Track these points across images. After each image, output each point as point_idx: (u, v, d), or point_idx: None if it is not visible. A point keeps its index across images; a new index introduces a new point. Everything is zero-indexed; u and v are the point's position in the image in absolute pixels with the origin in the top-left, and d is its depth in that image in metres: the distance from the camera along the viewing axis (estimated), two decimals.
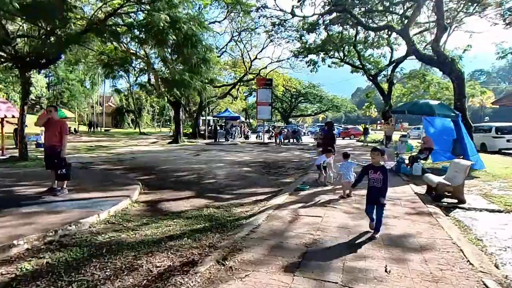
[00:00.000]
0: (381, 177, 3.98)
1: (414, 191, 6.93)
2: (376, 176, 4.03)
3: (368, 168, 4.14)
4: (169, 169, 10.34)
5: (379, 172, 4.01)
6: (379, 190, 4.01)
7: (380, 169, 4.03)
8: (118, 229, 4.39)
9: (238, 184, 8.01)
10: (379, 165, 4.07)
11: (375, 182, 4.03)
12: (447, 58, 10.01)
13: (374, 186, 4.05)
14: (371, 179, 4.09)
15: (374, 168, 4.08)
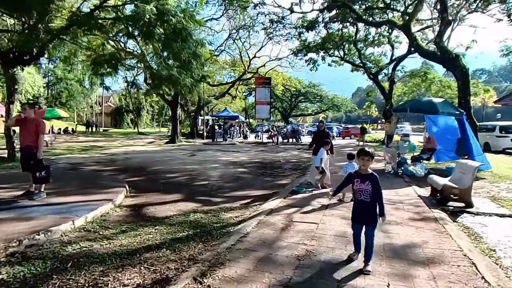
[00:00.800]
0: (370, 188, 3.08)
1: (417, 193, 6.51)
2: (363, 186, 3.10)
3: (354, 177, 3.23)
4: (161, 170, 9.93)
5: (368, 182, 3.09)
6: (368, 206, 3.11)
7: (369, 177, 3.12)
8: (93, 238, 3.98)
9: (231, 186, 7.60)
10: (368, 173, 3.16)
11: (363, 195, 3.11)
12: (451, 53, 9.58)
13: (361, 200, 3.14)
14: (357, 191, 3.16)
15: (361, 176, 3.17)
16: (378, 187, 3.10)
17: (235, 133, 28.18)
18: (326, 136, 7.22)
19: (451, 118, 9.99)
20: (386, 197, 6.13)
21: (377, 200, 3.11)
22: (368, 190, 3.08)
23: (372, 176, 3.14)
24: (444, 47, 9.84)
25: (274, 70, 30.27)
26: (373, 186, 3.09)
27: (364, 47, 26.13)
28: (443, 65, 10.12)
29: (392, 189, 6.93)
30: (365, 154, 3.17)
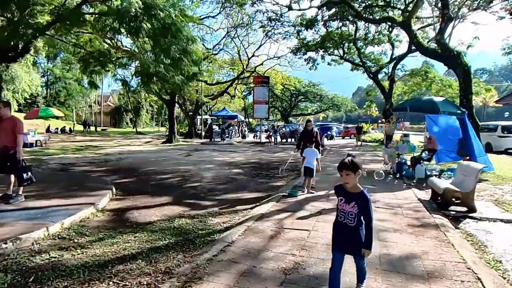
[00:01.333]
0: (355, 211, 2.38)
1: (417, 196, 6.20)
2: (347, 208, 2.42)
3: (338, 192, 2.54)
4: (153, 171, 9.64)
5: (354, 204, 2.39)
6: (353, 231, 2.40)
7: (357, 198, 2.39)
8: (66, 247, 3.68)
9: (223, 188, 7.29)
10: (356, 191, 2.42)
11: (346, 218, 2.42)
12: (452, 51, 9.25)
13: (344, 224, 2.44)
14: (340, 211, 2.49)
15: (346, 194, 2.45)
16: (367, 212, 2.37)
17: (233, 132, 27.86)
18: (314, 136, 6.87)
19: (452, 117, 9.67)
20: (384, 201, 5.87)
21: (365, 226, 2.41)
22: (353, 213, 2.39)
23: (360, 197, 2.38)
24: (446, 45, 9.51)
25: (273, 69, 29.92)
26: (361, 210, 2.37)
27: (364, 46, 25.81)
28: (445, 63, 9.80)
29: (390, 191, 6.63)
30: (342, 167, 2.40)
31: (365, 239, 2.42)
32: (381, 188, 6.92)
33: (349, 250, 2.50)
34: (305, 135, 6.94)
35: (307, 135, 6.86)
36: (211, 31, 22.47)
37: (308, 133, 6.89)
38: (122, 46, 10.55)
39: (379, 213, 4.99)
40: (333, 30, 24.67)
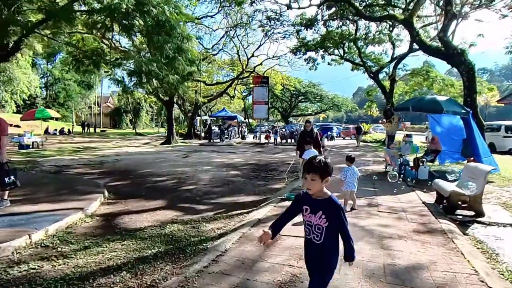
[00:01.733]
0: (323, 225, 1.86)
1: (421, 199, 5.94)
2: (313, 220, 1.90)
3: (303, 202, 1.98)
4: (148, 173, 9.40)
5: (321, 214, 1.86)
6: (318, 250, 1.91)
7: (324, 206, 1.88)
8: (48, 256, 3.43)
9: (220, 191, 7.04)
10: (324, 197, 1.91)
11: (312, 232, 1.91)
12: (456, 49, 9.00)
13: (309, 241, 1.96)
14: (306, 223, 1.97)
15: (311, 202, 1.92)
16: (339, 222, 1.86)
17: (233, 133, 27.61)
18: (314, 137, 6.64)
19: (456, 117, 9.41)
20: (387, 205, 5.61)
21: (344, 239, 1.92)
22: (320, 226, 1.85)
23: (329, 204, 1.86)
24: (449, 42, 9.26)
25: (273, 69, 29.70)
26: (330, 222, 1.83)
27: (364, 46, 25.57)
28: (447, 61, 9.55)
29: (393, 194, 6.37)
30: (310, 169, 1.87)
31: (345, 249, 1.95)
32: (383, 191, 6.67)
33: (317, 271, 1.96)
34: (304, 136, 6.69)
35: (307, 136, 6.62)
36: (210, 31, 22.26)
37: (308, 134, 6.65)
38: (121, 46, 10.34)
39: (382, 218, 4.74)
40: (333, 29, 24.46)
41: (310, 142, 7.26)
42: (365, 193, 6.32)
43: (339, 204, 1.90)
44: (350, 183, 5.15)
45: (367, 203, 5.56)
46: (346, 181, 5.17)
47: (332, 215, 1.86)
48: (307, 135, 6.61)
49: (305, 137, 6.63)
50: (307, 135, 6.62)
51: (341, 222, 1.87)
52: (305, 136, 6.64)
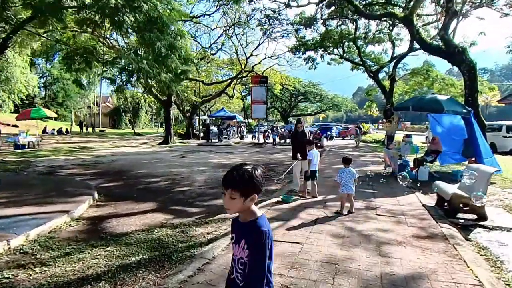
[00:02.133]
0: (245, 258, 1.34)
1: (421, 202, 5.74)
2: (236, 251, 1.41)
3: (232, 227, 1.51)
4: (143, 174, 9.20)
5: (243, 243, 1.36)
6: None
7: (247, 231, 1.37)
8: (25, 264, 3.24)
9: (214, 193, 6.84)
10: (249, 220, 1.38)
11: (235, 269, 1.40)
12: (457, 47, 8.79)
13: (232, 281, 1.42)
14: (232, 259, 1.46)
15: (237, 227, 1.45)
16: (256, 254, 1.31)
17: (231, 133, 27.41)
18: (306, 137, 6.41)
19: (457, 117, 9.21)
20: (385, 207, 5.42)
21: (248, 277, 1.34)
22: (243, 261, 1.36)
23: (251, 229, 1.34)
24: (450, 40, 9.05)
25: (272, 68, 29.49)
26: (250, 252, 1.33)
27: (364, 45, 25.38)
28: (448, 60, 9.35)
29: (392, 196, 6.17)
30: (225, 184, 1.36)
31: None
32: (382, 192, 6.47)
33: None
34: (296, 138, 6.43)
35: (299, 138, 6.37)
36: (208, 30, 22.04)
37: (299, 136, 6.39)
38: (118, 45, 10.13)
39: (381, 222, 4.54)
40: (333, 28, 24.28)
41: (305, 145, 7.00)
42: (363, 195, 6.13)
43: (263, 229, 1.32)
44: (346, 186, 4.95)
45: (365, 206, 5.36)
46: (342, 183, 4.98)
47: (252, 244, 1.33)
48: (299, 136, 6.37)
49: (297, 139, 6.39)
50: (298, 136, 6.38)
51: (257, 252, 1.30)
52: (297, 138, 6.39)
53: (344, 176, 5.00)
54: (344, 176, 5.00)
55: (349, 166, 5.10)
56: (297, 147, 6.38)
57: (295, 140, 6.41)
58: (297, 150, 6.37)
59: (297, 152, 6.36)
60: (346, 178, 4.97)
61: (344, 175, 5.00)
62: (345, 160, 5.16)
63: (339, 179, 5.05)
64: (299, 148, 6.36)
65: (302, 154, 6.35)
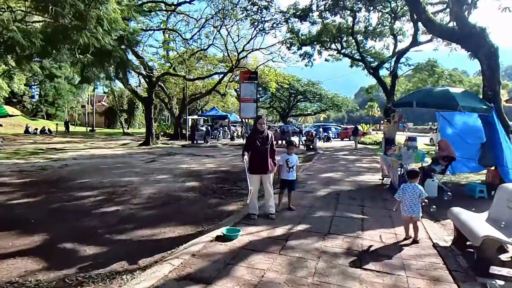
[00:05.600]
0: None
1: (431, 238, 3.90)
2: None
3: None
4: (82, 184, 7.45)
5: None
6: None
7: None
8: None
9: (147, 216, 5.05)
10: None
11: None
12: (474, 27, 6.95)
13: None
14: None
15: None
16: None
17: (221, 134, 25.59)
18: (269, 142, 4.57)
19: (473, 115, 7.37)
20: (377, 251, 3.45)
21: None
22: None
23: None
24: (465, 19, 7.20)
25: (266, 65, 27.65)
26: None
27: (364, 40, 23.53)
28: (462, 45, 7.53)
29: (388, 226, 4.34)
30: None
31: None
32: (373, 219, 4.65)
33: None
34: (254, 139, 4.56)
35: (259, 143, 4.52)
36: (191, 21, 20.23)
37: (259, 139, 4.55)
38: None
39: (366, 284, 2.71)
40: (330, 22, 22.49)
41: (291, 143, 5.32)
42: (347, 225, 4.31)
43: None
44: (410, 206, 3.78)
45: (346, 248, 3.53)
46: (405, 203, 3.81)
47: None
48: (259, 139, 4.53)
49: (255, 143, 4.53)
50: (258, 139, 4.54)
51: None
52: (256, 141, 4.54)
53: (408, 193, 3.81)
54: (408, 193, 3.81)
55: (415, 181, 3.87)
56: (256, 155, 4.56)
57: (253, 144, 4.57)
58: (256, 159, 4.55)
59: (257, 161, 4.55)
60: (410, 196, 3.79)
61: (408, 192, 3.81)
62: (410, 174, 3.96)
63: (399, 196, 3.86)
64: (259, 157, 4.55)
65: (263, 164, 4.54)
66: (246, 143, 4.74)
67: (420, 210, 3.80)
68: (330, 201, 5.75)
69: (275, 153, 4.75)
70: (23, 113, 48.43)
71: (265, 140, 4.54)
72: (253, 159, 4.54)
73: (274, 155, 4.72)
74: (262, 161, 4.53)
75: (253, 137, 4.58)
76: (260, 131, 4.57)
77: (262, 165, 4.54)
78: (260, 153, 4.52)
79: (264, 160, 4.54)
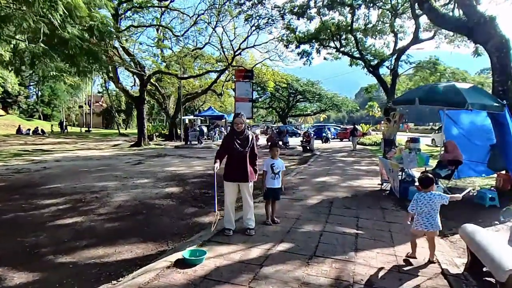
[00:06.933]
0: None
1: (438, 262, 3.20)
2: None
3: None
4: (52, 190, 6.79)
5: None
6: None
7: None
8: None
9: (111, 229, 4.39)
10: None
11: None
12: (482, 15, 6.27)
13: None
14: None
15: None
16: None
17: (217, 134, 24.91)
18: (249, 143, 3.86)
19: (481, 114, 6.69)
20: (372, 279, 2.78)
21: None
22: None
23: None
24: (473, 7, 6.51)
25: (263, 64, 26.95)
26: None
27: (363, 38, 22.86)
28: (469, 36, 6.84)
29: (387, 243, 3.64)
30: None
31: None
32: (370, 234, 3.95)
33: None
34: (231, 140, 3.87)
35: (236, 145, 3.83)
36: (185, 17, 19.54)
37: (237, 140, 3.86)
38: None
39: None
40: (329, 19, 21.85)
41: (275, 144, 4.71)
42: (338, 244, 3.62)
43: None
44: (427, 219, 3.11)
45: (334, 277, 2.83)
46: (421, 216, 3.14)
47: None
48: (236, 140, 3.84)
49: (233, 145, 3.83)
50: (235, 140, 3.84)
51: None
52: (233, 141, 3.85)
53: (423, 205, 3.12)
54: (423, 205, 3.12)
55: (432, 189, 3.18)
56: (233, 160, 3.88)
57: (230, 147, 3.88)
58: (233, 164, 3.87)
59: (234, 167, 3.87)
60: (427, 209, 3.11)
61: (423, 203, 3.12)
62: (423, 182, 3.24)
63: (413, 209, 3.19)
64: (236, 162, 3.87)
65: (241, 171, 3.86)
66: (221, 145, 4.04)
67: (438, 222, 3.14)
68: (321, 211, 5.06)
69: (257, 158, 4.06)
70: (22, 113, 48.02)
71: (244, 142, 3.84)
72: (230, 164, 3.86)
73: (255, 161, 4.03)
74: (240, 167, 3.85)
75: (230, 139, 3.89)
76: (237, 132, 3.86)
77: (240, 172, 3.86)
78: (238, 158, 3.83)
79: (243, 166, 3.85)
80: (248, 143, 3.84)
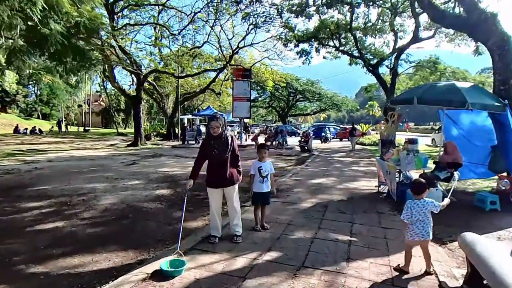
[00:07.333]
0: None
1: (435, 271, 2.99)
2: None
3: None
4: (39, 192, 6.59)
5: None
6: None
7: None
8: None
9: (93, 234, 4.18)
10: None
11: None
12: (483, 12, 6.04)
13: None
14: None
15: None
16: None
17: None
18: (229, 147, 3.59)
19: (482, 114, 6.48)
20: None
21: None
22: None
23: None
24: (474, 4, 6.26)
25: (262, 63, 26.73)
26: None
27: (363, 37, 22.62)
28: (470, 33, 6.64)
29: (381, 251, 3.42)
30: None
31: None
32: (364, 242, 3.74)
33: None
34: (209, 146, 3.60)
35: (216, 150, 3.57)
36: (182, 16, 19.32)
37: (214, 144, 3.58)
38: None
39: None
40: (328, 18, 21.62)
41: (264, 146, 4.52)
42: (330, 252, 3.40)
43: None
44: (420, 228, 2.92)
45: None
46: (415, 225, 2.93)
47: None
48: (214, 145, 3.60)
49: (210, 149, 3.60)
50: (213, 145, 3.60)
51: None
52: (211, 147, 3.62)
53: (417, 213, 2.93)
54: (417, 213, 2.93)
55: (424, 196, 2.97)
56: (213, 165, 3.66)
57: (208, 154, 3.65)
58: (213, 170, 3.66)
59: (215, 172, 3.66)
60: (421, 217, 2.92)
61: (417, 212, 2.93)
62: (415, 189, 3.02)
63: (406, 216, 2.96)
64: (217, 167, 3.65)
65: (223, 176, 3.64)
66: (199, 152, 3.75)
67: (431, 230, 2.95)
68: (314, 215, 4.84)
69: (239, 159, 3.84)
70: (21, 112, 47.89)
71: (223, 146, 3.59)
72: (211, 170, 3.64)
73: (238, 162, 3.81)
74: (222, 172, 3.63)
75: (208, 145, 3.65)
76: (215, 137, 3.59)
77: (222, 176, 3.64)
78: (219, 163, 3.60)
79: (224, 170, 3.63)
80: (228, 147, 3.59)
